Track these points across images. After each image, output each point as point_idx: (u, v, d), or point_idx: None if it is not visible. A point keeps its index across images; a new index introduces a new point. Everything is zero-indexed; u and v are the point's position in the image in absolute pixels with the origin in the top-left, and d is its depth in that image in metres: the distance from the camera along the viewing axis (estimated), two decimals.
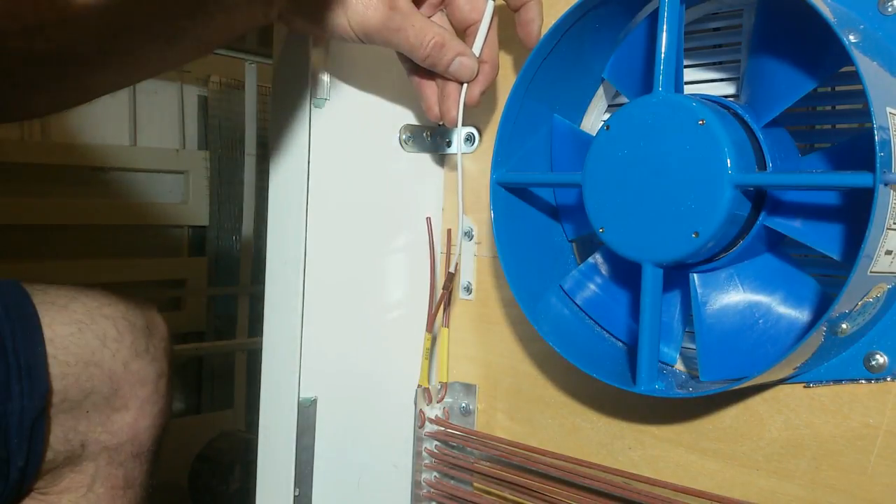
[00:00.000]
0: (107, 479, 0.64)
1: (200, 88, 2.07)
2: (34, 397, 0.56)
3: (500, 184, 0.52)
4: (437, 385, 0.63)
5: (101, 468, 0.64)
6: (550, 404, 0.57)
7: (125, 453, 0.65)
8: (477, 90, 0.53)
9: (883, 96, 0.37)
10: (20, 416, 0.56)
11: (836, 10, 0.41)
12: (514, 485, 0.56)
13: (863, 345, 0.43)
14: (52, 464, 0.61)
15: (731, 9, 0.48)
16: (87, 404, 0.61)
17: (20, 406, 0.56)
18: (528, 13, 0.50)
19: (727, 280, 0.47)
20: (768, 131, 0.45)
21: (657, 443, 0.51)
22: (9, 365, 0.55)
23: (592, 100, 0.55)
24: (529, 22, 0.50)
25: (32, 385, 0.56)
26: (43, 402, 0.57)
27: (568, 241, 0.56)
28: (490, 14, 0.53)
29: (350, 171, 0.61)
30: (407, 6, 0.49)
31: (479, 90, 0.53)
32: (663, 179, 0.43)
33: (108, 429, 0.63)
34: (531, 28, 0.51)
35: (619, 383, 0.46)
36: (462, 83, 0.53)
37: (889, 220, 0.37)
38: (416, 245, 0.64)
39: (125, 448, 0.65)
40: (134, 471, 0.66)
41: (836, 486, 0.44)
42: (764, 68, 0.44)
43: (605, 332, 0.53)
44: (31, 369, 0.56)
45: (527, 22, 0.51)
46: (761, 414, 0.47)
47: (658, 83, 0.44)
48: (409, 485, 0.62)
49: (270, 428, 0.60)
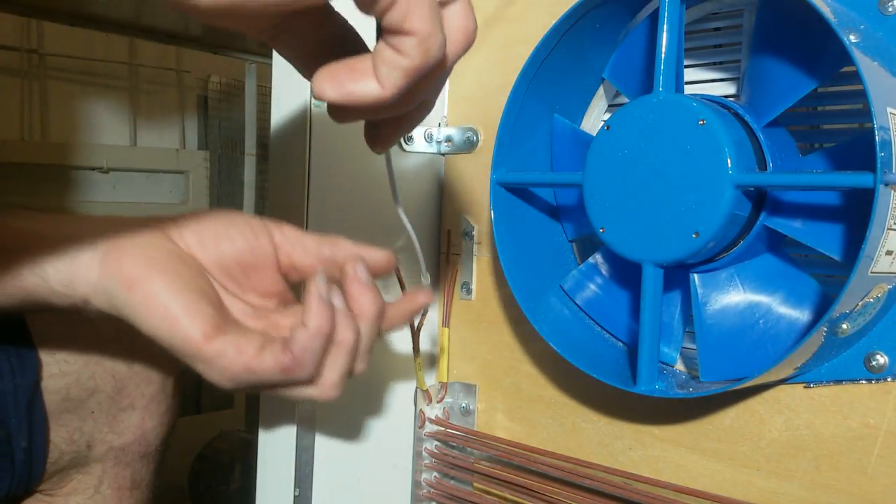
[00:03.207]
0: (114, 479, 0.64)
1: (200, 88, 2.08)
2: (26, 374, 0.56)
3: (500, 184, 0.52)
4: (437, 385, 0.63)
5: (109, 469, 0.64)
6: (550, 404, 0.57)
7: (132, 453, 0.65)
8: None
9: (883, 96, 0.37)
10: (14, 394, 0.55)
11: (836, 10, 0.41)
12: (514, 485, 0.56)
13: (863, 345, 0.43)
14: (58, 465, 0.60)
15: (732, 9, 0.48)
16: (91, 403, 0.61)
17: (13, 384, 0.55)
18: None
19: (727, 280, 0.47)
20: (769, 131, 0.45)
21: (657, 443, 0.51)
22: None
23: (593, 100, 0.55)
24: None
25: (22, 362, 0.56)
26: (35, 377, 0.56)
27: (568, 241, 0.56)
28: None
29: (350, 171, 0.61)
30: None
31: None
32: (664, 179, 0.43)
33: (114, 429, 0.63)
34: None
35: (619, 383, 0.46)
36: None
37: (889, 221, 0.37)
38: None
39: (132, 448, 0.65)
40: (141, 471, 0.66)
41: (836, 486, 0.44)
42: (764, 68, 0.44)
43: (606, 332, 0.53)
44: (18, 348, 0.56)
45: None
46: (761, 414, 0.47)
47: (658, 83, 0.44)
48: (409, 485, 0.62)
49: (270, 428, 0.60)
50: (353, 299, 0.44)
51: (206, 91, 2.08)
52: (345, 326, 0.42)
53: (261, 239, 0.46)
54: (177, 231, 0.45)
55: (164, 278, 0.41)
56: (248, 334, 0.41)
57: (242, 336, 0.41)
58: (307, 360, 0.40)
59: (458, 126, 0.63)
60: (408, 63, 0.32)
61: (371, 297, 0.44)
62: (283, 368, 0.40)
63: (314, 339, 0.40)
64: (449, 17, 0.34)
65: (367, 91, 0.33)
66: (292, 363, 0.40)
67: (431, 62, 0.33)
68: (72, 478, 0.62)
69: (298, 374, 0.41)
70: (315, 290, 0.40)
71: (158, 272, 0.41)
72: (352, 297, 0.44)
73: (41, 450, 0.58)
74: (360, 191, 0.61)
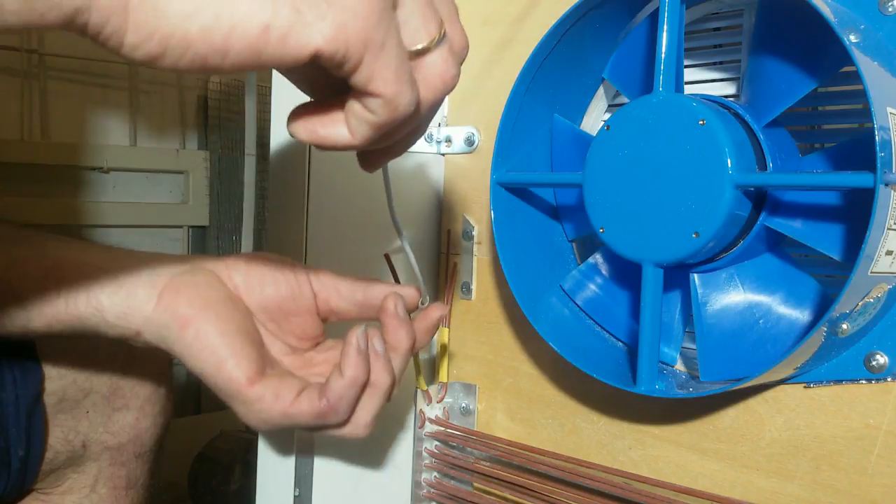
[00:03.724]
0: (109, 479, 0.64)
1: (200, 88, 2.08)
2: (28, 384, 0.56)
3: (500, 184, 0.52)
4: (437, 385, 0.63)
5: (104, 469, 0.64)
6: (550, 404, 0.57)
7: (127, 453, 0.65)
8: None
9: (883, 96, 0.37)
10: (16, 404, 0.56)
11: (836, 10, 0.41)
12: (514, 485, 0.56)
13: (863, 345, 0.42)
14: (53, 464, 0.61)
15: (732, 9, 0.48)
16: (86, 404, 0.61)
17: (14, 394, 0.55)
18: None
19: (727, 280, 0.47)
20: (769, 131, 0.45)
21: (657, 443, 0.51)
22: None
23: (592, 100, 0.55)
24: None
25: (25, 372, 0.56)
26: (38, 388, 0.57)
27: (568, 242, 0.56)
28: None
29: (350, 171, 0.60)
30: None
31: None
32: (664, 179, 0.43)
33: (109, 429, 0.63)
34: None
35: (619, 383, 0.46)
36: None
37: (889, 221, 0.37)
38: (415, 245, 0.64)
39: (127, 448, 0.65)
40: (136, 471, 0.66)
41: (836, 486, 0.44)
42: (764, 68, 0.44)
43: (606, 332, 0.53)
44: (22, 358, 0.56)
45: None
46: (761, 414, 0.47)
47: (658, 83, 0.44)
48: (409, 485, 0.62)
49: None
50: (391, 333, 0.46)
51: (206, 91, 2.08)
52: (382, 370, 0.44)
53: (302, 286, 0.48)
54: (227, 273, 0.47)
55: (215, 320, 0.43)
56: (286, 379, 0.44)
57: (281, 381, 0.43)
58: (342, 406, 0.43)
59: (458, 126, 0.63)
60: (375, 119, 0.33)
61: (406, 332, 0.46)
62: (319, 414, 0.42)
63: (349, 388, 0.43)
64: (426, 65, 0.34)
65: (338, 138, 0.34)
66: (327, 409, 0.42)
67: (400, 118, 0.33)
68: (67, 477, 0.63)
69: (333, 419, 0.43)
70: (354, 342, 0.43)
71: (211, 314, 0.43)
72: (390, 331, 0.46)
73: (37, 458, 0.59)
74: (360, 191, 0.61)
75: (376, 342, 0.44)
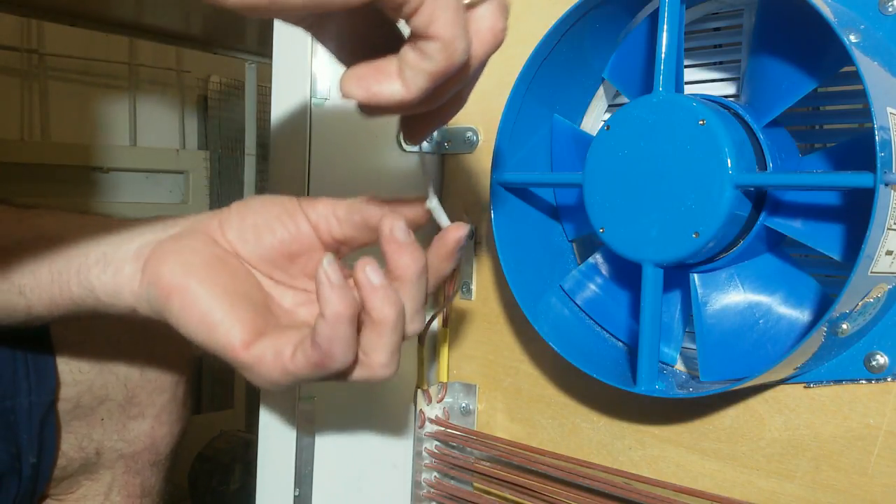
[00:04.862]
0: (123, 487, 0.64)
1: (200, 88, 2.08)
2: (42, 392, 0.56)
3: (500, 184, 0.52)
4: (437, 385, 0.63)
5: (118, 476, 0.63)
6: (550, 404, 0.57)
7: (142, 462, 0.64)
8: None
9: (883, 96, 0.37)
10: (28, 411, 0.55)
11: (836, 9, 0.41)
12: (514, 485, 0.56)
13: (863, 345, 0.42)
14: (67, 471, 0.60)
15: (732, 9, 0.48)
16: (101, 411, 0.61)
17: (28, 402, 0.55)
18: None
19: (727, 280, 0.47)
20: (769, 131, 0.45)
21: (657, 443, 0.51)
22: (15, 360, 0.55)
23: (592, 100, 0.55)
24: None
25: (40, 380, 0.56)
26: (52, 397, 0.56)
27: (568, 241, 0.56)
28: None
29: (350, 170, 0.61)
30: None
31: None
32: (664, 179, 0.43)
33: (123, 437, 0.62)
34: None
35: (619, 383, 0.46)
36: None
37: (889, 221, 0.37)
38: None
39: (142, 456, 0.64)
40: (151, 479, 0.66)
41: (836, 486, 0.44)
42: (764, 68, 0.44)
43: (606, 332, 0.53)
44: (38, 365, 0.56)
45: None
46: (761, 414, 0.47)
47: (658, 83, 0.44)
48: (409, 485, 0.62)
49: (270, 428, 0.60)
50: (390, 260, 0.41)
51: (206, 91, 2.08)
52: (382, 302, 0.38)
53: (299, 223, 0.44)
54: (220, 230, 0.44)
55: (202, 285, 0.41)
56: (285, 335, 0.40)
57: (280, 338, 0.40)
58: (336, 350, 0.38)
59: (458, 126, 0.63)
60: (431, 67, 0.32)
61: (410, 257, 0.40)
62: (316, 364, 0.38)
63: (336, 326, 0.37)
64: (477, 18, 0.34)
65: (392, 92, 0.34)
66: (322, 357, 0.38)
67: (455, 66, 0.33)
68: (81, 484, 0.62)
69: (333, 365, 0.38)
70: (323, 277, 0.37)
71: (196, 280, 0.41)
72: (389, 257, 0.41)
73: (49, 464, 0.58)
74: (360, 191, 0.61)
75: (369, 271, 0.38)
